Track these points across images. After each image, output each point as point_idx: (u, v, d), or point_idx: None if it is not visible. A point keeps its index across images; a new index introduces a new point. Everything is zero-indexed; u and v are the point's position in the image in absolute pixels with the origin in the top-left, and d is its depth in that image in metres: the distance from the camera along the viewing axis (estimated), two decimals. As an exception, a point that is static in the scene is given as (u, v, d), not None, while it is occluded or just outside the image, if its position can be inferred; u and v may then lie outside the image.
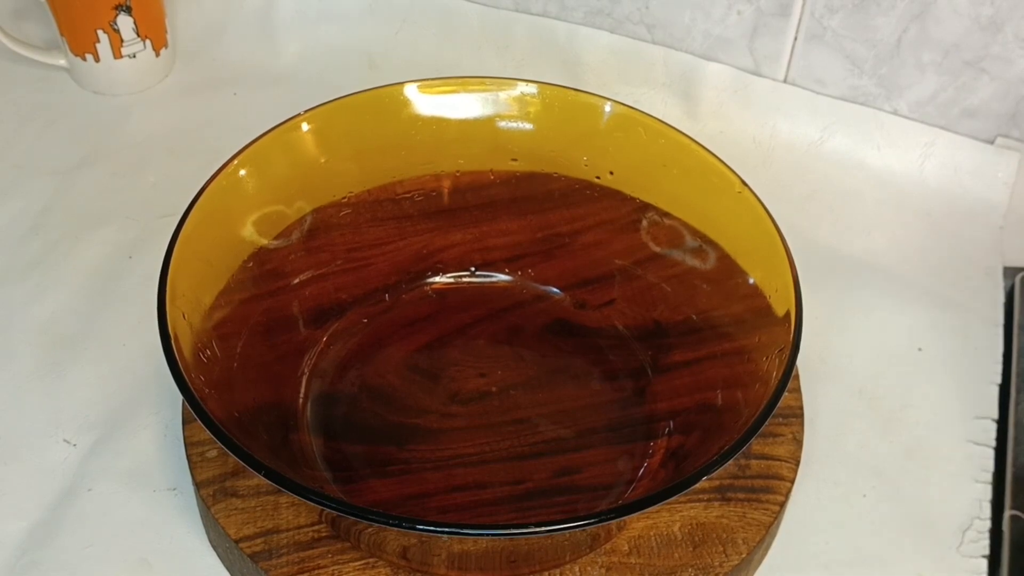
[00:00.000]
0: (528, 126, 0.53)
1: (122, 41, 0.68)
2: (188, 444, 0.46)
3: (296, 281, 0.50)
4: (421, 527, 0.35)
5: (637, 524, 0.44)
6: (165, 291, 0.41)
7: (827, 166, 0.66)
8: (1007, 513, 0.47)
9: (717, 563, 0.43)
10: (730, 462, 0.38)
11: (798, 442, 0.48)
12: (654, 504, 0.37)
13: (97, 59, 0.69)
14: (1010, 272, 0.59)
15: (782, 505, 0.45)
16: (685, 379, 0.48)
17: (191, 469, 0.46)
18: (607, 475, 0.47)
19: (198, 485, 0.45)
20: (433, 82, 0.52)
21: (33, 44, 0.70)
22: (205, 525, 0.46)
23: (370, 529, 0.42)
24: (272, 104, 0.57)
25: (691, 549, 0.44)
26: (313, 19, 0.75)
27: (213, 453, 0.46)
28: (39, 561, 0.46)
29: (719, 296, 0.48)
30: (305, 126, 0.50)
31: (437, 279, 0.55)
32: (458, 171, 0.54)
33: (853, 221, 0.63)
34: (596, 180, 0.52)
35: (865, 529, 0.48)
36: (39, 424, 0.51)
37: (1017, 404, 0.51)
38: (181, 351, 0.40)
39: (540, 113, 0.52)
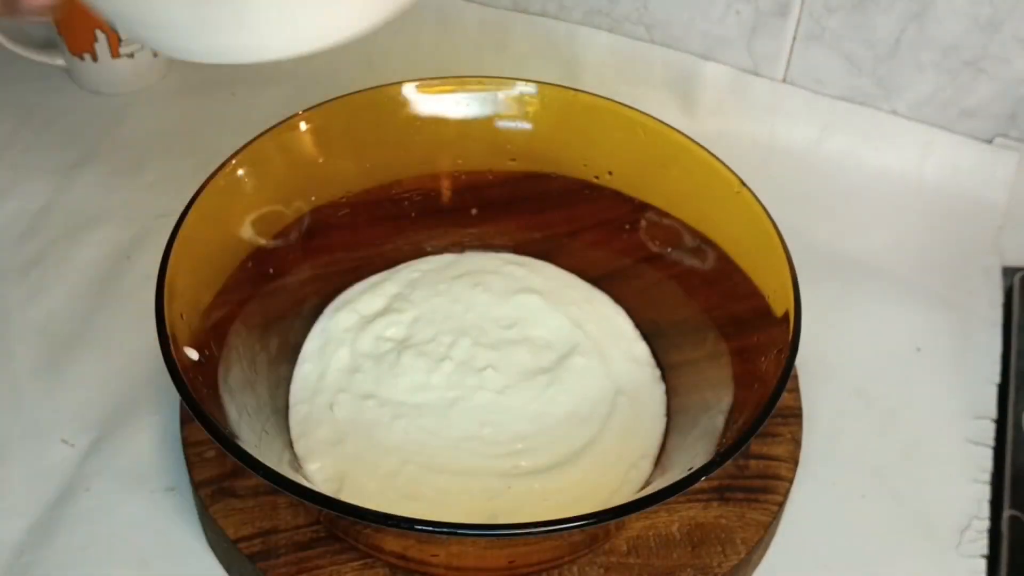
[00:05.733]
0: (527, 126, 0.53)
1: (120, 40, 0.68)
2: (186, 444, 0.46)
3: (295, 281, 0.50)
4: (419, 527, 0.35)
5: (636, 524, 0.44)
6: (163, 291, 0.41)
7: (826, 166, 0.65)
8: (1006, 513, 0.47)
9: (716, 563, 0.43)
10: (729, 462, 0.38)
11: (797, 442, 0.48)
12: (653, 504, 0.37)
13: (95, 58, 0.68)
14: (1009, 272, 0.59)
15: (781, 505, 0.45)
16: (684, 379, 0.48)
17: (189, 469, 0.46)
18: (606, 475, 0.47)
19: (196, 485, 0.45)
20: (432, 81, 0.52)
21: (31, 43, 0.70)
22: (203, 525, 0.46)
23: (368, 529, 0.42)
24: (270, 103, 0.57)
25: (690, 549, 0.43)
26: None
27: (211, 453, 0.46)
28: (37, 561, 0.46)
29: (718, 296, 0.48)
30: (303, 125, 0.50)
31: (436, 279, 0.55)
32: (457, 171, 0.53)
33: (852, 221, 0.62)
34: (595, 180, 0.52)
35: (864, 529, 0.48)
36: (37, 424, 0.51)
37: (1016, 404, 0.51)
38: (180, 351, 0.40)
39: (539, 113, 0.52)
